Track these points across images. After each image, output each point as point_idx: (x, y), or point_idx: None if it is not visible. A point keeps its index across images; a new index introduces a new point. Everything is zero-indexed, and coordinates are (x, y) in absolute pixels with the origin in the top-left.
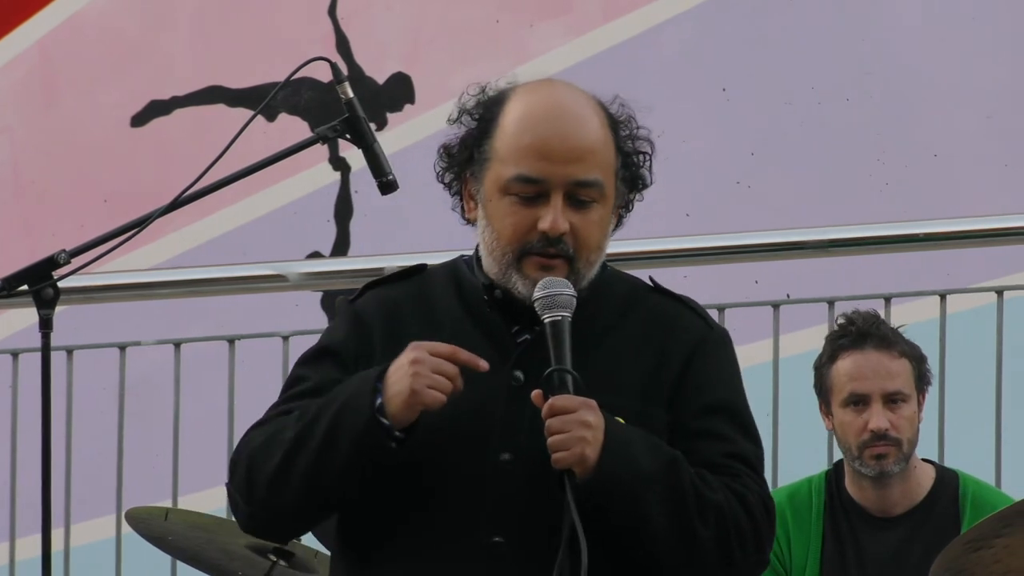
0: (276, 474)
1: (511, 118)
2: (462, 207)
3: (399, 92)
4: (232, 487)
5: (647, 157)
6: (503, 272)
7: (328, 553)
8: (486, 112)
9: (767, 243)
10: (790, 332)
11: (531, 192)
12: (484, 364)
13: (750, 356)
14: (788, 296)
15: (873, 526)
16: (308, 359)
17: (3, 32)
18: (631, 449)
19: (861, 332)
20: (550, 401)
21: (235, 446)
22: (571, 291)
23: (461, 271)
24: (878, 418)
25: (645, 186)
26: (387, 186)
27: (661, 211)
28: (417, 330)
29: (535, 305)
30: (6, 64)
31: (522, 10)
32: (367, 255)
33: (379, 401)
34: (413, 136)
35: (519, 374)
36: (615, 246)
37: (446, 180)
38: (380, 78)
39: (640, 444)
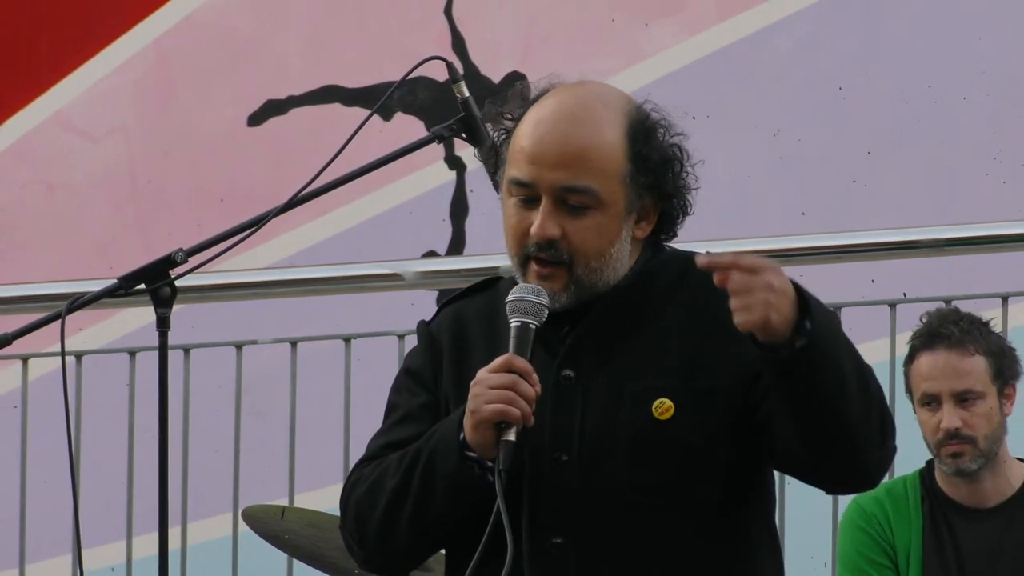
0: (383, 524)
1: (525, 121)
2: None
3: None
4: (344, 531)
5: (674, 164)
6: (519, 276)
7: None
8: (515, 115)
9: (883, 242)
10: (907, 331)
11: (524, 195)
12: (529, 369)
13: (866, 355)
14: (904, 295)
15: (967, 518)
16: (397, 385)
17: (119, 32)
18: (823, 308)
19: (931, 332)
20: (735, 258)
21: (344, 484)
22: (541, 299)
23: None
24: (949, 417)
25: (672, 195)
26: None
27: (777, 210)
28: (481, 347)
29: (506, 308)
30: (122, 64)
31: (637, 9)
32: (483, 254)
33: (462, 436)
34: None
35: (569, 372)
36: (731, 245)
37: (497, 179)
38: (495, 77)
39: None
